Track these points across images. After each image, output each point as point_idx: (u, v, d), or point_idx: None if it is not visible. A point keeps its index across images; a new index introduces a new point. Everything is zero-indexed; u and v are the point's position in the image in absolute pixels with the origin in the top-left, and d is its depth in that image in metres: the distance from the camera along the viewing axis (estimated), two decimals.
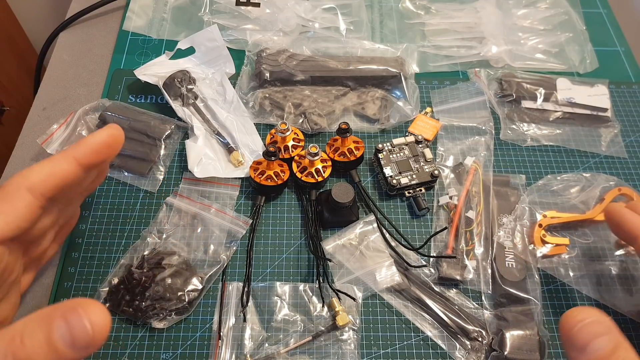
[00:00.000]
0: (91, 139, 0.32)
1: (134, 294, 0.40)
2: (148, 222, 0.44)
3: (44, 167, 0.31)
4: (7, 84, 0.89)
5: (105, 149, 0.33)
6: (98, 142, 0.32)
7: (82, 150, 0.32)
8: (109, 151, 0.33)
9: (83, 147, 0.32)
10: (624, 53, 0.60)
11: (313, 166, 0.45)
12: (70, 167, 0.31)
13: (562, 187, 0.47)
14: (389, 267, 0.42)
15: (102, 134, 0.33)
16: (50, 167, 0.31)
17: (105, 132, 0.33)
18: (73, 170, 0.32)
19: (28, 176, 0.30)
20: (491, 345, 0.39)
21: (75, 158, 0.32)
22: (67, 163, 0.31)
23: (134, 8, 0.60)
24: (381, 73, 0.52)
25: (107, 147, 0.33)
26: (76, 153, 0.32)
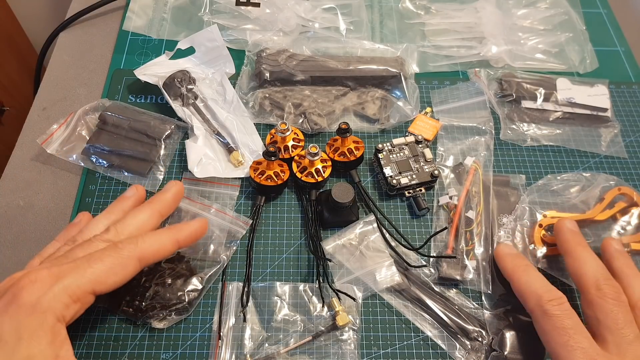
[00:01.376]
0: (192, 226, 0.39)
1: (134, 294, 0.40)
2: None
3: (155, 243, 0.36)
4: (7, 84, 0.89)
5: (199, 236, 0.39)
6: (196, 230, 0.39)
7: (184, 236, 0.38)
8: (199, 238, 0.40)
9: (185, 232, 0.38)
10: (624, 53, 0.60)
11: (313, 166, 0.45)
12: (172, 247, 0.37)
13: (562, 187, 0.47)
14: (389, 267, 0.42)
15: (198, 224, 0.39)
16: (159, 245, 0.36)
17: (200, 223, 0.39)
18: (173, 250, 0.37)
19: (142, 248, 0.35)
20: (491, 345, 0.39)
21: (177, 240, 0.37)
22: (172, 243, 0.37)
23: (134, 8, 0.60)
24: (381, 73, 0.52)
25: (199, 235, 0.39)
26: (179, 236, 0.38)
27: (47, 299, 0.30)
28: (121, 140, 0.48)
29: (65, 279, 0.32)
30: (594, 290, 0.36)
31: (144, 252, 0.35)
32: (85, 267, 0.33)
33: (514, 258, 0.41)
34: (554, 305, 0.35)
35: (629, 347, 0.33)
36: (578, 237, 0.40)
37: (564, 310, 0.35)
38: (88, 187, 0.46)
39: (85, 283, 0.32)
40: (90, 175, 0.47)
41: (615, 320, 0.34)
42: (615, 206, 0.46)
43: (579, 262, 0.38)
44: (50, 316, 0.30)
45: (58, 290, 0.31)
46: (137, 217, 0.38)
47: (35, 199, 0.47)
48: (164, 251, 0.37)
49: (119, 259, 0.34)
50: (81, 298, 0.32)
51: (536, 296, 0.36)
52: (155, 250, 0.36)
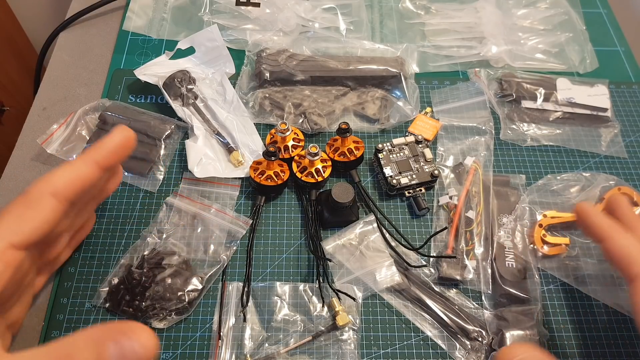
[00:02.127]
0: (108, 141, 0.34)
1: (134, 294, 0.40)
2: (148, 222, 0.44)
3: (66, 171, 0.32)
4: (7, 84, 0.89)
5: (121, 149, 0.34)
6: (114, 143, 0.34)
7: (100, 153, 0.33)
8: (124, 151, 0.35)
9: (101, 149, 0.33)
10: (624, 53, 0.60)
11: (313, 166, 0.45)
12: (91, 170, 0.33)
13: (562, 186, 0.47)
14: (389, 267, 0.42)
15: (116, 136, 0.34)
16: (72, 171, 0.32)
17: (119, 133, 0.34)
18: (93, 173, 0.33)
19: (51, 181, 0.31)
20: (491, 345, 0.39)
21: (95, 161, 0.33)
22: (88, 166, 0.32)
23: (134, 8, 0.60)
24: (381, 73, 0.52)
25: (122, 147, 0.34)
26: (95, 156, 0.33)
27: None
28: None
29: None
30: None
31: (56, 185, 0.31)
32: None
33: (606, 217, 0.37)
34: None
35: None
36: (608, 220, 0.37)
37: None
38: None
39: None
40: None
41: None
42: None
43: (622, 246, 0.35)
44: None
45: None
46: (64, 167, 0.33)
47: None
48: (83, 177, 0.32)
49: (26, 202, 0.31)
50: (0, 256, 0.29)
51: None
52: (70, 179, 0.32)
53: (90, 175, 0.33)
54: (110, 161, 0.34)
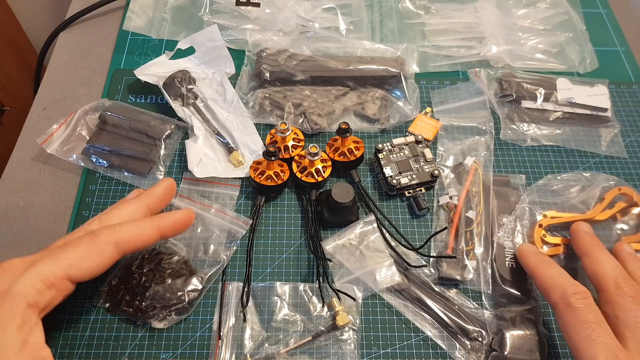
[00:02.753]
0: (175, 214, 0.38)
1: (134, 294, 0.40)
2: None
3: (135, 229, 0.35)
4: (7, 84, 0.89)
5: (183, 225, 0.38)
6: (179, 219, 0.38)
7: (167, 223, 0.37)
8: (184, 228, 0.38)
9: (168, 220, 0.37)
10: (624, 53, 0.60)
11: (313, 166, 0.45)
12: (154, 236, 0.36)
13: (562, 187, 0.47)
14: (389, 267, 0.42)
15: (182, 213, 0.38)
16: (139, 231, 0.35)
17: (185, 213, 0.38)
18: (154, 238, 0.36)
19: (120, 233, 0.34)
20: (491, 345, 0.39)
21: (158, 227, 0.36)
22: (153, 231, 0.36)
23: (134, 8, 0.60)
24: (381, 73, 0.52)
25: (184, 224, 0.38)
26: (162, 224, 0.36)
27: (18, 286, 0.30)
28: (121, 140, 0.48)
29: (38, 266, 0.31)
30: (613, 288, 0.36)
31: (122, 237, 0.34)
32: (59, 253, 0.32)
33: (537, 254, 0.41)
34: (579, 298, 0.35)
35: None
36: (594, 239, 0.41)
37: (588, 304, 0.35)
38: (88, 187, 0.46)
39: (58, 269, 0.32)
40: (90, 175, 0.47)
41: (635, 318, 0.34)
42: (615, 206, 0.46)
43: (597, 262, 0.38)
44: (20, 302, 0.30)
45: (29, 275, 0.31)
46: (122, 209, 0.37)
47: (35, 199, 0.47)
48: (145, 237, 0.36)
49: (94, 244, 0.33)
50: (55, 284, 0.32)
51: (561, 289, 0.36)
52: (134, 236, 0.35)
53: (151, 237, 0.36)
54: (171, 234, 0.37)
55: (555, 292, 0.37)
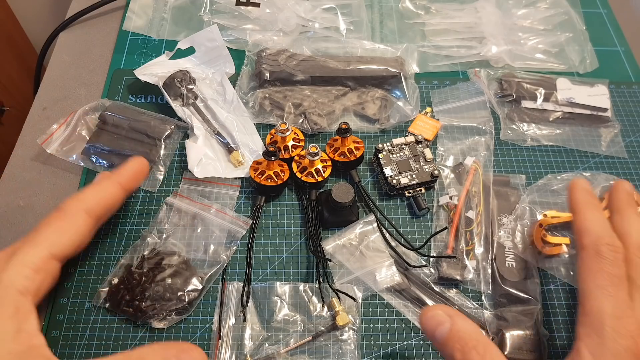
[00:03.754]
0: (129, 167, 0.39)
1: (134, 294, 0.40)
2: (148, 222, 0.44)
3: (97, 191, 0.36)
4: (7, 84, 0.89)
5: (139, 174, 0.40)
6: (135, 169, 0.39)
7: (125, 176, 0.38)
8: (141, 176, 0.40)
9: (125, 173, 0.38)
10: (624, 53, 0.60)
11: (313, 166, 0.45)
12: (117, 191, 0.37)
13: (563, 186, 0.47)
14: (389, 267, 0.42)
15: (134, 163, 0.40)
16: (101, 191, 0.36)
17: (136, 161, 0.40)
18: (118, 193, 0.37)
19: (85, 199, 0.35)
20: None
21: (120, 183, 0.37)
22: (115, 188, 0.37)
23: (134, 8, 0.60)
24: (381, 73, 0.52)
25: (139, 173, 0.40)
26: (120, 179, 0.38)
27: (5, 276, 0.31)
28: (121, 140, 0.48)
29: (19, 253, 0.32)
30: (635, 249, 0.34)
31: (88, 203, 0.35)
32: (35, 236, 0.33)
33: (589, 194, 0.38)
34: (611, 249, 0.34)
35: None
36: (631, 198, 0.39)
37: (618, 258, 0.34)
38: None
39: (40, 250, 0.32)
40: (90, 175, 0.47)
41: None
42: None
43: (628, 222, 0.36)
44: (10, 290, 0.30)
45: (13, 264, 0.31)
46: (94, 187, 0.37)
47: (35, 199, 0.47)
48: (110, 196, 0.37)
49: (65, 217, 0.34)
50: (41, 266, 0.32)
51: (596, 235, 0.35)
52: (100, 198, 0.36)
53: (116, 196, 0.37)
54: (132, 185, 0.39)
55: (590, 236, 0.35)
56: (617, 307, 0.32)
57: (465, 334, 0.32)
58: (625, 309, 0.32)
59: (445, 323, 0.33)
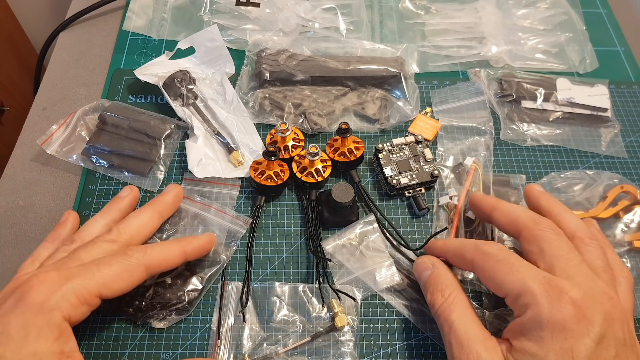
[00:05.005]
0: (200, 242, 0.40)
1: (134, 294, 0.40)
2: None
3: (164, 253, 0.37)
4: (7, 84, 0.89)
5: (205, 251, 0.41)
6: (203, 244, 0.40)
7: (192, 248, 0.39)
8: (206, 252, 0.41)
9: (193, 245, 0.39)
10: (624, 53, 0.60)
11: (313, 166, 0.45)
12: (179, 259, 0.38)
13: (566, 184, 0.47)
14: (389, 267, 0.42)
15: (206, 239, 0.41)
16: (167, 255, 0.38)
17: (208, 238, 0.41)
18: (179, 261, 0.39)
19: (150, 256, 0.36)
20: None
21: (184, 252, 0.39)
22: (179, 256, 0.38)
23: (134, 8, 0.60)
24: (381, 73, 0.52)
25: (206, 250, 0.41)
26: (187, 249, 0.39)
27: (55, 299, 0.32)
28: (121, 140, 0.48)
29: (74, 281, 0.33)
30: (532, 224, 0.36)
31: (152, 260, 0.36)
32: (94, 271, 0.34)
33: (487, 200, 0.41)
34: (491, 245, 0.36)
35: (576, 269, 0.33)
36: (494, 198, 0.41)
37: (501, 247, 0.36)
38: (88, 187, 0.46)
39: (93, 286, 0.33)
40: (90, 175, 0.47)
41: (560, 247, 0.34)
42: (618, 204, 0.46)
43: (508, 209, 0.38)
44: (57, 315, 0.32)
45: (66, 290, 0.32)
46: (138, 218, 0.40)
47: (35, 199, 0.47)
48: (171, 261, 0.38)
49: (127, 266, 0.35)
50: (88, 300, 0.33)
51: (472, 245, 0.36)
52: (163, 260, 0.37)
53: (177, 262, 0.38)
54: (193, 256, 0.40)
55: (468, 251, 0.36)
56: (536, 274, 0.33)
57: (439, 279, 0.37)
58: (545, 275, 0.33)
59: (428, 269, 0.39)
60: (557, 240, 0.35)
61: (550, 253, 0.34)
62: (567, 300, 0.31)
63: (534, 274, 0.33)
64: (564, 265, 0.33)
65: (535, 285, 0.32)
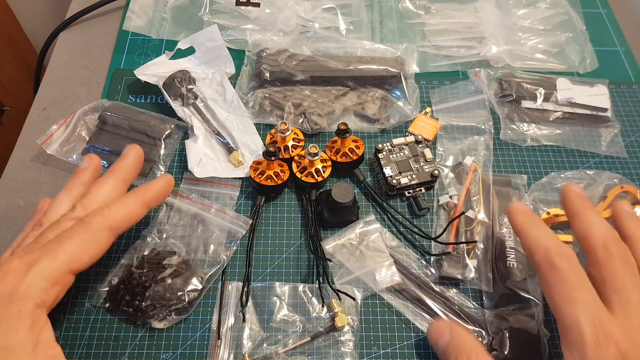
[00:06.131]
0: (157, 185, 0.39)
1: (134, 294, 0.40)
2: (148, 222, 0.44)
3: (123, 209, 0.36)
4: (7, 84, 0.89)
5: (164, 193, 0.39)
6: (161, 187, 0.39)
7: (149, 195, 0.38)
8: (166, 195, 0.40)
9: (150, 191, 0.38)
10: (624, 53, 0.60)
11: (313, 166, 0.45)
12: (141, 210, 0.37)
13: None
14: (389, 267, 0.42)
15: (161, 181, 0.39)
16: (128, 211, 0.36)
17: (165, 180, 0.40)
18: (142, 212, 0.37)
19: (110, 216, 0.35)
20: (491, 345, 0.39)
21: (144, 201, 0.37)
22: (140, 206, 0.37)
23: (134, 8, 0.60)
24: (381, 73, 0.52)
25: (165, 192, 0.40)
26: (145, 197, 0.37)
27: (23, 287, 0.30)
28: (121, 140, 0.48)
29: (39, 264, 0.31)
30: (601, 250, 0.34)
31: (113, 220, 0.35)
32: (57, 249, 0.32)
33: (526, 213, 0.38)
34: (562, 258, 0.33)
35: (634, 309, 0.32)
36: (585, 201, 0.38)
37: (572, 265, 0.33)
38: None
39: (60, 264, 0.32)
40: None
41: (622, 281, 0.33)
42: None
43: (586, 224, 0.36)
44: (28, 303, 0.30)
45: (33, 276, 0.31)
46: (101, 189, 0.37)
47: (35, 199, 0.47)
48: (134, 215, 0.36)
49: (89, 233, 0.34)
50: (59, 280, 0.32)
51: (544, 248, 0.34)
52: (125, 217, 0.36)
53: (139, 214, 0.37)
54: (156, 203, 0.39)
55: (539, 252, 0.35)
56: (589, 311, 0.31)
57: (461, 342, 0.35)
58: (600, 314, 0.31)
59: (445, 334, 0.36)
60: (622, 273, 0.33)
61: (612, 285, 0.33)
62: (613, 351, 0.30)
63: (590, 310, 0.31)
64: (623, 301, 0.32)
65: (586, 324, 0.31)
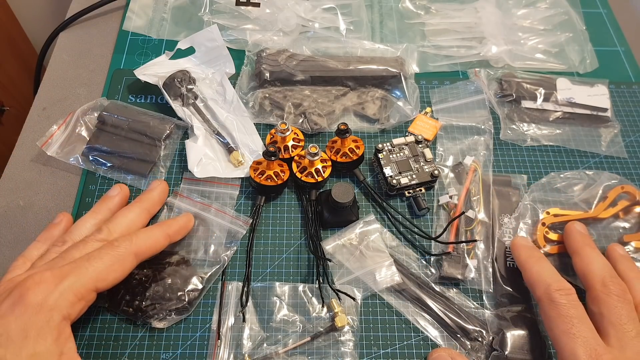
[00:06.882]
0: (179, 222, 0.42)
1: (134, 294, 0.40)
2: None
3: (149, 239, 0.39)
4: (7, 84, 0.89)
5: (186, 229, 0.43)
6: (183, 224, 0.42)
7: (174, 230, 0.41)
8: (187, 231, 0.43)
9: (175, 227, 0.41)
10: (624, 53, 0.60)
11: (313, 166, 0.44)
12: (164, 242, 0.40)
13: (565, 184, 0.47)
14: (389, 267, 0.42)
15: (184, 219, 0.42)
16: (153, 240, 0.39)
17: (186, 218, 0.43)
18: (165, 243, 0.40)
19: (137, 244, 0.37)
20: (492, 345, 0.39)
21: (168, 234, 0.40)
22: (164, 239, 0.40)
23: (134, 8, 0.60)
24: (381, 73, 0.52)
25: (187, 228, 0.43)
26: (169, 231, 0.40)
27: (52, 299, 0.32)
28: (121, 141, 0.48)
29: (69, 279, 0.33)
30: (599, 286, 0.37)
31: (139, 247, 0.37)
32: (87, 266, 0.34)
33: (529, 249, 0.41)
34: (562, 294, 0.36)
35: (630, 342, 0.34)
36: (586, 239, 0.41)
37: (571, 300, 0.36)
38: (88, 187, 0.46)
39: (88, 281, 0.34)
40: (90, 176, 0.47)
41: (619, 316, 0.35)
42: (618, 204, 0.46)
43: (587, 261, 0.39)
44: (56, 315, 0.32)
45: (63, 289, 0.33)
46: (127, 216, 0.41)
47: (35, 199, 0.47)
48: (157, 245, 0.39)
49: (117, 256, 0.36)
50: (85, 296, 0.34)
51: (545, 284, 0.37)
52: (150, 246, 0.38)
53: (162, 245, 0.40)
54: (178, 237, 0.42)
55: (540, 287, 0.37)
56: (586, 345, 0.33)
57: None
58: (597, 346, 0.33)
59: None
60: (619, 308, 0.35)
61: (609, 319, 0.35)
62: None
63: (587, 343, 0.34)
64: (620, 335, 0.34)
65: (583, 357, 0.33)
